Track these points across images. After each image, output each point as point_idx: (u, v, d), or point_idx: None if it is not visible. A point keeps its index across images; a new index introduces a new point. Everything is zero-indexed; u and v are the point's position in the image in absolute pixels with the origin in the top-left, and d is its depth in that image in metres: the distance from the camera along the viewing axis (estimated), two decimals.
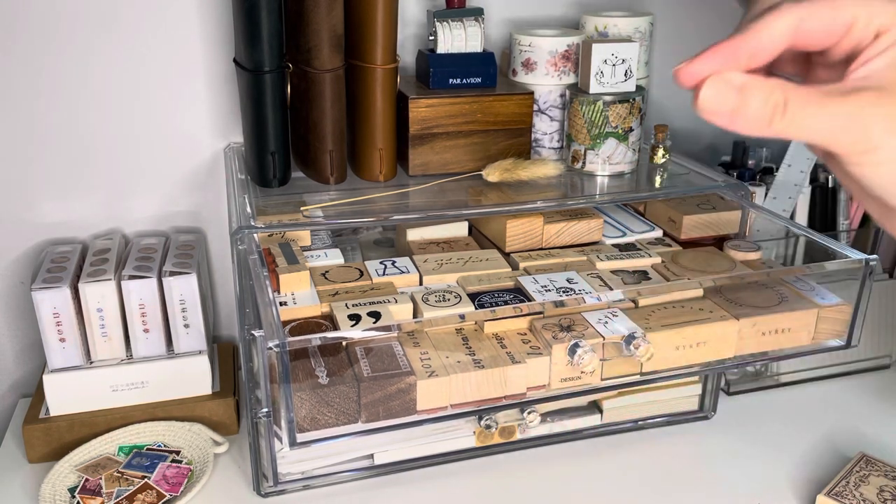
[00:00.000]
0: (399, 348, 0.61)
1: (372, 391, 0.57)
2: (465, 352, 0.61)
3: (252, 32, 0.69)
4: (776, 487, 0.76)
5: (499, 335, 0.64)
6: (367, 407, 0.57)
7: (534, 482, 0.76)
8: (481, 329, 0.64)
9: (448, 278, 0.70)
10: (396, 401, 0.58)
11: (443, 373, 0.58)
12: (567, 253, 0.76)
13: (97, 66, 0.83)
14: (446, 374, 0.58)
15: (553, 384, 0.62)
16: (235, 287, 0.68)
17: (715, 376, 0.84)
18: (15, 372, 0.92)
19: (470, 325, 0.64)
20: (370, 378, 0.57)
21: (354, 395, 0.57)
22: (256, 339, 0.54)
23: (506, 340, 0.63)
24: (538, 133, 0.84)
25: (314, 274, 0.70)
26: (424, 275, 0.70)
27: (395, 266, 0.72)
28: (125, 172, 0.87)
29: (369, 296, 0.66)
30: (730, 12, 1.03)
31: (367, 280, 0.69)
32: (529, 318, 0.64)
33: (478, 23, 0.80)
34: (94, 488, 0.72)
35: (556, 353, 0.61)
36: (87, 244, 0.87)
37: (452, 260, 0.73)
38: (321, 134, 0.74)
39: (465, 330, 0.64)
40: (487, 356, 0.61)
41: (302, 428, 0.56)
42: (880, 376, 0.96)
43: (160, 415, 0.80)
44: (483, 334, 0.64)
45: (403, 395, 0.58)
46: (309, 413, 0.56)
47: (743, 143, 0.97)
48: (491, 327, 0.64)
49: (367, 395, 0.57)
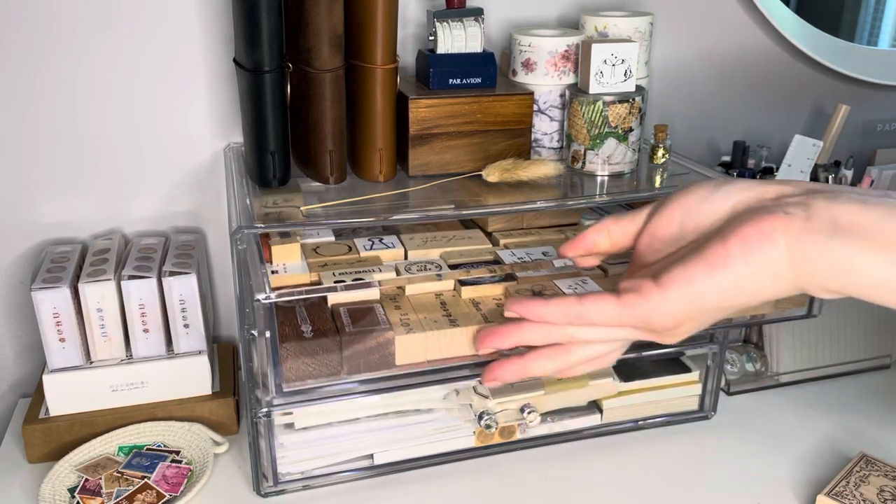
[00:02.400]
0: (380, 309, 0.65)
1: (352, 344, 0.61)
2: (443, 313, 0.65)
3: (252, 32, 0.69)
4: (776, 487, 0.76)
5: (475, 300, 0.68)
6: (348, 359, 0.61)
7: (534, 482, 0.76)
8: (459, 295, 0.68)
9: (432, 253, 0.74)
10: (376, 354, 0.62)
11: (419, 329, 0.62)
12: (546, 232, 0.81)
13: (97, 66, 0.83)
14: (423, 331, 0.62)
15: None
16: (235, 287, 0.68)
17: (714, 376, 0.84)
18: (15, 372, 0.92)
19: (449, 292, 0.69)
20: (351, 332, 0.61)
21: (336, 348, 0.61)
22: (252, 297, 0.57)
23: (482, 304, 0.67)
24: (538, 133, 0.84)
25: (305, 249, 0.73)
26: (410, 250, 0.75)
27: (381, 242, 0.76)
28: (125, 172, 0.87)
29: (356, 267, 0.70)
30: (731, 13, 1.03)
31: (356, 254, 0.73)
32: (504, 286, 0.69)
33: (478, 23, 0.80)
34: (94, 488, 0.72)
35: None
36: (87, 244, 0.87)
37: (437, 238, 0.78)
38: (321, 134, 0.74)
39: (444, 295, 0.68)
40: (463, 316, 0.65)
41: (287, 378, 0.61)
42: (880, 376, 0.96)
43: (160, 415, 0.80)
44: (461, 300, 0.68)
45: (383, 350, 0.62)
46: (293, 364, 0.60)
47: (743, 143, 0.97)
48: (468, 293, 0.68)
49: (348, 347, 0.61)
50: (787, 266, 0.37)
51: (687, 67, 1.03)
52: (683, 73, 1.03)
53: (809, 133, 0.99)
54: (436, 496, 0.74)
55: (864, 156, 1.15)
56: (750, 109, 1.09)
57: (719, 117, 1.08)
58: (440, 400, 0.77)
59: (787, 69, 1.08)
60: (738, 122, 1.09)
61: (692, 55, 1.03)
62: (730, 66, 1.05)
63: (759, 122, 1.10)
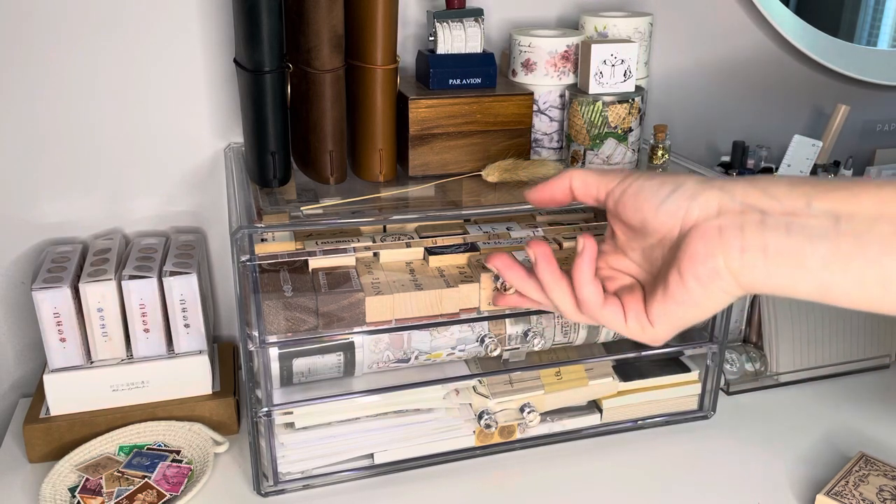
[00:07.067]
0: (354, 274, 0.72)
1: (327, 303, 0.69)
2: (410, 278, 0.72)
3: (252, 32, 0.69)
4: (776, 487, 0.76)
5: (441, 269, 0.74)
6: (323, 316, 0.69)
7: (534, 482, 0.77)
8: (427, 263, 0.75)
9: (408, 227, 0.78)
10: (348, 313, 0.69)
11: (388, 291, 0.70)
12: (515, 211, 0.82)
13: (97, 66, 0.83)
14: (391, 293, 0.70)
15: (482, 307, 0.73)
16: (235, 287, 0.68)
17: (714, 376, 0.84)
18: (15, 372, 0.92)
19: (418, 260, 0.76)
20: (326, 293, 0.69)
21: (313, 306, 0.68)
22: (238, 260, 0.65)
23: (446, 272, 0.74)
24: (538, 133, 0.84)
25: None
26: (388, 224, 0.79)
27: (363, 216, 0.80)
28: (125, 172, 0.87)
29: (337, 237, 0.76)
30: (730, 13, 1.03)
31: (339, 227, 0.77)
32: (468, 255, 0.75)
33: (478, 23, 0.80)
34: (95, 488, 0.72)
35: (484, 280, 0.72)
36: (87, 244, 0.87)
37: (410, 205, 0.79)
38: (321, 134, 0.74)
39: (413, 264, 0.75)
40: (427, 281, 0.72)
41: (269, 331, 0.68)
42: (880, 376, 0.96)
43: (160, 414, 0.80)
44: (428, 268, 0.74)
45: (354, 309, 0.69)
46: (274, 318, 0.68)
47: (742, 143, 0.97)
48: (435, 262, 0.75)
49: (323, 306, 0.69)
50: (736, 286, 0.44)
51: (686, 68, 1.03)
52: (683, 74, 1.03)
53: (809, 133, 0.99)
54: (436, 496, 0.74)
55: (863, 156, 1.16)
56: (749, 109, 1.09)
57: (719, 117, 1.08)
58: (440, 400, 0.77)
59: (787, 69, 1.08)
60: (738, 122, 1.09)
61: (692, 55, 1.03)
62: (729, 67, 1.05)
63: (758, 122, 1.10)
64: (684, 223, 0.46)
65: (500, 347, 0.75)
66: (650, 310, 0.48)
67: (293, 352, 0.71)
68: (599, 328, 0.79)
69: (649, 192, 0.48)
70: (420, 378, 0.76)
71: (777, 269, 0.42)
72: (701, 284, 0.44)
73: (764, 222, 0.43)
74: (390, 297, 0.70)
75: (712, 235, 0.44)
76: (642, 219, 0.48)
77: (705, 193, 0.45)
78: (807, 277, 0.41)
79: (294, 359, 0.71)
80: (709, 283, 0.44)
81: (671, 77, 1.03)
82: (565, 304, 0.50)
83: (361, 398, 0.74)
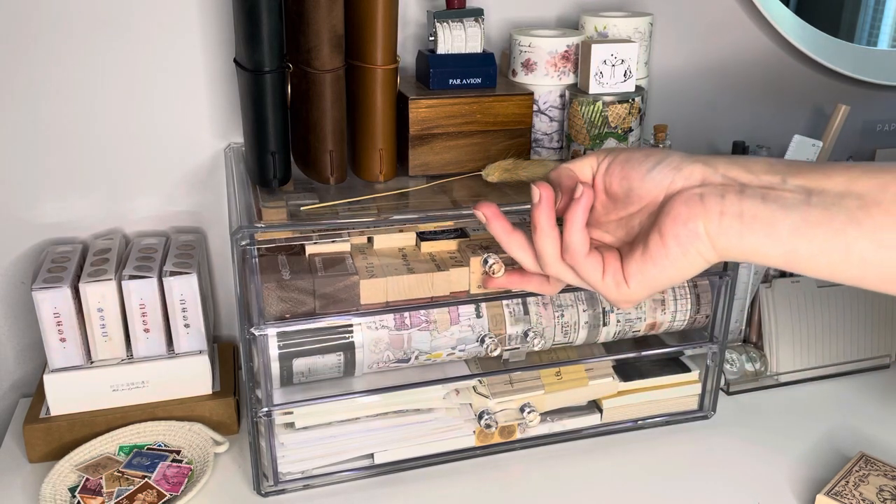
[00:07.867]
0: (350, 258, 0.74)
1: (323, 286, 0.70)
2: (403, 263, 0.74)
3: (252, 32, 0.69)
4: (776, 487, 0.76)
5: (433, 254, 0.76)
6: (320, 298, 0.70)
7: (534, 482, 0.77)
8: (419, 249, 0.76)
9: None
10: (344, 295, 0.71)
11: (381, 274, 0.72)
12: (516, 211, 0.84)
13: (97, 67, 0.83)
14: (384, 276, 0.72)
15: (472, 290, 0.74)
16: (235, 287, 0.68)
17: (714, 376, 0.84)
18: (15, 372, 0.92)
19: (411, 247, 0.77)
20: (323, 276, 0.71)
21: (310, 288, 0.70)
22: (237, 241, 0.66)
23: (437, 257, 0.75)
24: (538, 133, 0.84)
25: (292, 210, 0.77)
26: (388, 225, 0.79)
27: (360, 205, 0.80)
28: (125, 172, 0.87)
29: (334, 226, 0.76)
30: (730, 13, 1.03)
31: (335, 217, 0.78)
32: (458, 241, 0.77)
33: (478, 23, 0.80)
34: (95, 488, 0.72)
35: (474, 264, 0.73)
36: (87, 244, 0.87)
37: (410, 205, 0.80)
38: (321, 134, 0.74)
39: (405, 249, 0.77)
40: (419, 265, 0.73)
41: (269, 313, 0.69)
42: (880, 376, 0.96)
43: (160, 414, 0.80)
44: (420, 253, 0.76)
45: (349, 291, 0.71)
46: (273, 301, 0.69)
47: (742, 143, 0.97)
48: (427, 247, 0.76)
49: (320, 288, 0.70)
50: (712, 250, 0.47)
51: (686, 68, 1.03)
52: (683, 74, 1.03)
53: (809, 133, 0.99)
54: (436, 496, 0.74)
55: (863, 156, 1.16)
56: (750, 110, 1.09)
57: (719, 117, 1.08)
58: (440, 400, 0.77)
59: (787, 69, 1.08)
60: (738, 122, 1.09)
61: (692, 55, 1.03)
62: (729, 67, 1.05)
63: (758, 122, 1.10)
64: (668, 191, 0.50)
65: (500, 347, 0.75)
66: (627, 269, 0.51)
67: (293, 352, 0.71)
68: (599, 328, 0.79)
69: (636, 162, 0.52)
70: (420, 378, 0.76)
71: (751, 233, 0.46)
72: (680, 245, 0.48)
73: (742, 192, 0.47)
74: (383, 279, 0.71)
75: (694, 201, 0.48)
76: (628, 187, 0.52)
77: (690, 166, 0.50)
78: (776, 243, 0.45)
79: (294, 359, 0.71)
80: (688, 244, 0.48)
81: (671, 77, 1.03)
82: (549, 250, 0.54)
83: (361, 398, 0.74)
